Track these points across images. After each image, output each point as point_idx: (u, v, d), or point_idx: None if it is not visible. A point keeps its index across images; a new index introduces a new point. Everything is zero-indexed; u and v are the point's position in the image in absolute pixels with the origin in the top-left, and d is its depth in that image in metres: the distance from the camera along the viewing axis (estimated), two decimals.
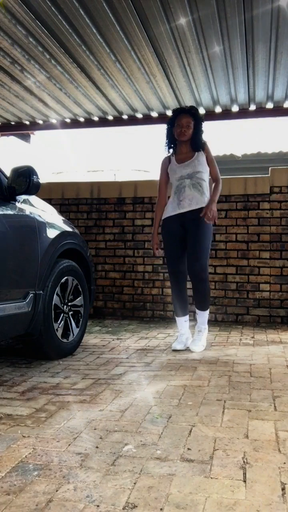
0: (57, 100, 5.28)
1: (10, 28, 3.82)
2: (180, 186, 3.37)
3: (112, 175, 13.35)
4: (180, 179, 3.38)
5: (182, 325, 3.46)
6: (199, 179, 3.36)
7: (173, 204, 3.40)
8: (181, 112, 3.45)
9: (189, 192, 3.34)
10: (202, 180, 3.37)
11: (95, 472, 1.46)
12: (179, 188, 3.38)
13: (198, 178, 3.36)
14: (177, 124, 3.39)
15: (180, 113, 3.43)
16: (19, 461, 1.54)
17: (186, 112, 3.43)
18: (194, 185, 3.34)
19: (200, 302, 3.45)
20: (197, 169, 3.36)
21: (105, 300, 5.10)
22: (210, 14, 3.52)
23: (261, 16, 3.53)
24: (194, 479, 1.40)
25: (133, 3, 3.43)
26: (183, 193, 3.35)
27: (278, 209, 4.67)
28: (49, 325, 2.91)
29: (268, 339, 3.84)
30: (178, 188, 3.39)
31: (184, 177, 3.36)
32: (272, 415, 1.97)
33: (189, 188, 3.34)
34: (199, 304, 3.46)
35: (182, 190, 3.36)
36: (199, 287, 3.39)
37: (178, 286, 3.44)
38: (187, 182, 3.35)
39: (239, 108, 5.31)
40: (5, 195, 2.67)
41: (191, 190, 3.34)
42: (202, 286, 3.39)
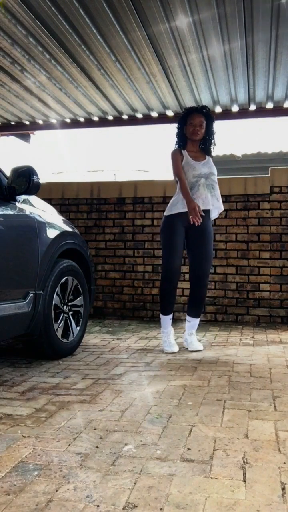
0: (57, 100, 5.28)
1: (10, 28, 3.82)
2: (196, 184, 3.34)
3: (112, 175, 13.34)
4: (197, 177, 3.34)
5: (168, 322, 3.42)
6: (213, 181, 3.38)
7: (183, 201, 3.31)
8: (194, 111, 3.43)
9: (203, 192, 3.32)
10: (215, 182, 3.39)
11: (95, 472, 1.46)
12: (193, 186, 3.34)
13: (213, 180, 3.38)
14: (190, 123, 3.37)
15: (193, 112, 3.41)
16: (19, 461, 1.54)
17: (199, 111, 3.41)
18: (208, 186, 3.34)
19: (196, 308, 3.45)
20: (212, 170, 3.39)
21: (105, 300, 5.10)
22: (210, 14, 3.52)
23: (261, 16, 3.53)
24: (194, 479, 1.40)
25: (133, 3, 3.43)
26: (197, 191, 3.32)
27: (278, 209, 4.68)
28: (49, 325, 2.91)
29: (268, 339, 3.84)
30: (192, 185, 3.34)
31: (202, 175, 3.34)
32: (272, 415, 1.97)
33: (204, 188, 3.33)
34: (195, 310, 3.44)
35: (195, 188, 3.33)
36: (200, 292, 3.40)
37: (173, 283, 3.39)
38: (203, 181, 3.34)
39: (239, 108, 5.31)
40: (5, 195, 2.67)
41: (205, 190, 3.33)
42: (203, 292, 3.43)
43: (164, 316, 3.45)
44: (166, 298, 3.43)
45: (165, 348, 3.33)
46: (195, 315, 3.46)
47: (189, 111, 3.46)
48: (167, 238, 3.38)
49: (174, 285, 3.41)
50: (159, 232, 3.57)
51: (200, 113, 3.39)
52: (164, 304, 3.44)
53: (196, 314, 3.46)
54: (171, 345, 3.33)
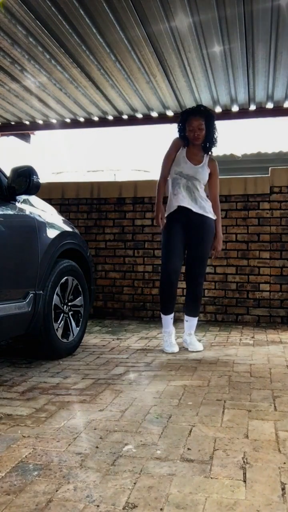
0: (57, 100, 5.28)
1: (10, 28, 3.82)
2: (175, 182, 3.36)
3: (112, 175, 13.34)
4: (178, 174, 3.35)
5: (169, 322, 3.40)
6: (194, 186, 3.34)
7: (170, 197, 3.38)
8: (189, 114, 3.36)
9: (182, 191, 3.32)
10: (195, 187, 3.34)
11: (95, 472, 1.46)
12: (174, 182, 3.36)
13: (194, 184, 3.34)
14: (189, 128, 3.32)
15: (189, 116, 3.34)
16: (19, 461, 1.54)
17: (195, 113, 3.34)
18: (187, 188, 3.33)
19: (194, 308, 3.45)
20: (197, 176, 3.34)
21: (105, 300, 5.10)
22: (210, 14, 3.52)
23: (261, 16, 3.53)
24: (194, 479, 1.40)
25: (133, 3, 3.43)
26: (178, 189, 3.34)
27: (278, 209, 4.68)
28: (49, 325, 2.91)
29: (268, 339, 3.84)
30: (173, 181, 3.38)
31: (183, 175, 3.34)
32: (272, 415, 1.97)
33: (183, 188, 3.33)
34: (193, 310, 3.45)
35: (176, 186, 3.35)
36: (196, 291, 3.41)
37: (173, 283, 3.36)
38: (183, 181, 3.33)
39: (239, 108, 5.30)
40: (5, 195, 2.67)
41: (184, 190, 3.32)
42: (199, 291, 3.43)
43: (164, 316, 3.43)
44: (165, 298, 3.42)
45: (166, 348, 3.33)
46: (193, 314, 3.46)
47: (186, 115, 3.39)
48: (166, 239, 3.40)
49: (173, 284, 3.38)
50: (159, 232, 3.58)
51: (197, 115, 3.32)
52: (164, 304, 3.43)
53: (193, 313, 3.46)
54: (172, 345, 3.33)
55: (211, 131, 3.37)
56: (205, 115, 3.35)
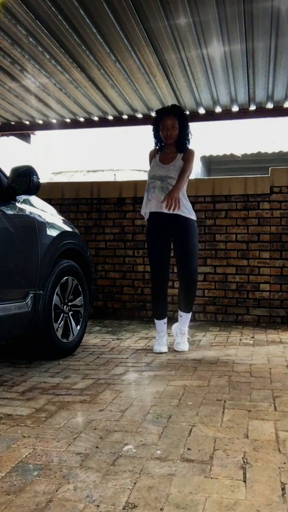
0: (57, 100, 5.28)
1: (10, 28, 3.82)
2: (150, 185, 3.34)
3: (112, 175, 13.34)
4: (152, 178, 3.35)
5: (162, 326, 3.41)
6: (169, 184, 3.29)
7: (144, 202, 3.39)
8: (164, 113, 3.37)
9: (157, 194, 3.29)
10: (171, 185, 3.28)
11: (95, 472, 1.46)
12: (149, 187, 3.36)
13: (169, 183, 3.29)
14: (162, 127, 3.32)
15: (163, 115, 3.36)
16: (19, 461, 1.54)
17: (170, 113, 3.35)
18: (162, 189, 3.29)
19: (187, 304, 3.43)
20: (170, 174, 3.30)
21: (105, 300, 5.10)
22: (210, 14, 3.52)
23: (261, 16, 3.53)
24: (194, 479, 1.40)
25: (133, 3, 3.43)
26: (152, 193, 3.32)
27: (278, 209, 4.67)
28: (49, 325, 2.91)
29: (268, 339, 3.84)
30: (148, 186, 3.37)
31: (156, 177, 3.32)
32: (272, 415, 1.97)
33: (158, 190, 3.30)
34: (186, 306, 3.43)
35: (151, 190, 3.33)
36: (190, 289, 3.39)
37: (162, 287, 3.41)
38: (158, 183, 3.31)
39: (239, 108, 5.31)
40: (5, 195, 2.67)
41: (159, 192, 3.29)
42: (193, 288, 3.41)
43: (157, 320, 3.45)
44: (156, 303, 3.46)
45: (154, 347, 3.34)
46: (186, 310, 3.44)
47: (160, 114, 3.40)
48: (148, 245, 3.44)
49: (162, 289, 3.42)
50: None
51: (171, 115, 3.33)
52: (155, 308, 3.48)
53: (186, 309, 3.44)
54: (160, 345, 3.32)
55: (184, 131, 3.37)
56: (179, 115, 3.36)
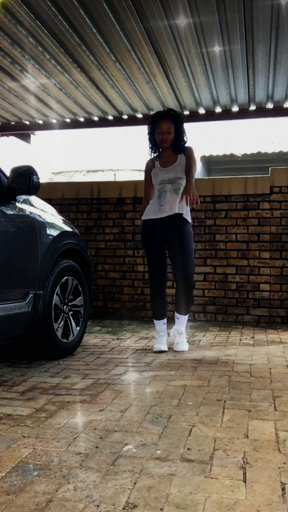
0: (57, 100, 5.28)
1: (10, 28, 3.82)
2: (162, 191, 3.34)
3: (112, 175, 13.33)
4: (161, 183, 3.35)
5: (162, 327, 3.43)
6: (180, 184, 3.31)
7: (155, 208, 3.36)
8: (159, 117, 3.39)
9: (170, 197, 3.30)
10: (182, 186, 3.31)
11: (95, 472, 1.46)
12: (160, 193, 3.34)
13: (179, 184, 3.31)
14: (158, 131, 3.34)
15: (159, 119, 3.37)
16: (19, 461, 1.54)
17: (165, 117, 3.36)
18: (175, 190, 3.30)
19: (184, 306, 3.42)
20: (178, 174, 3.33)
21: (105, 300, 5.10)
22: (210, 14, 3.52)
23: (261, 16, 3.53)
24: (194, 479, 1.40)
25: (133, 3, 3.43)
26: (164, 198, 3.32)
27: (278, 209, 4.67)
28: (49, 325, 2.91)
29: (268, 339, 3.84)
30: (159, 192, 3.35)
31: (166, 181, 3.33)
32: (272, 415, 1.97)
33: (170, 193, 3.31)
34: (183, 308, 3.42)
35: (163, 195, 3.32)
36: (186, 291, 3.38)
37: (160, 290, 3.42)
38: (169, 187, 3.32)
39: (239, 108, 5.31)
40: (5, 195, 2.67)
41: (172, 195, 3.30)
42: (189, 290, 3.42)
43: (157, 321, 3.46)
44: (155, 303, 3.47)
45: (154, 346, 3.35)
46: (183, 312, 3.43)
47: (155, 118, 3.41)
48: (146, 246, 3.46)
49: (162, 290, 3.43)
50: None
51: (166, 119, 3.34)
52: (155, 309, 3.49)
53: (183, 311, 3.43)
54: (160, 343, 3.33)
55: (180, 135, 3.38)
56: (174, 119, 3.37)
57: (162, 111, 3.54)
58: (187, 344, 3.41)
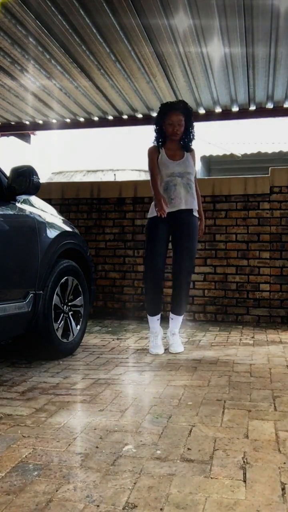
0: (57, 100, 5.28)
1: (10, 28, 3.82)
2: (171, 184, 3.27)
3: (112, 175, 13.33)
4: (171, 176, 3.28)
5: (155, 323, 3.36)
6: (190, 180, 3.29)
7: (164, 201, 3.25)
8: (171, 109, 3.32)
9: (181, 191, 3.25)
10: (191, 181, 3.31)
11: (95, 472, 1.46)
12: (169, 185, 3.27)
13: (189, 179, 3.29)
14: (168, 123, 3.28)
15: (170, 110, 3.30)
16: (19, 461, 1.54)
17: (177, 109, 3.31)
18: (185, 185, 3.27)
19: (179, 306, 3.38)
20: (188, 169, 3.30)
21: (105, 300, 5.10)
22: (210, 14, 3.52)
23: (261, 17, 3.53)
24: (194, 479, 1.40)
25: (133, 3, 3.43)
26: (174, 191, 3.26)
27: (278, 209, 4.67)
28: (49, 325, 2.91)
29: (268, 339, 3.84)
30: (168, 184, 3.27)
31: (176, 174, 3.27)
32: (272, 415, 1.96)
33: (180, 186, 3.26)
34: (178, 308, 3.38)
35: (173, 188, 3.26)
36: (183, 289, 3.34)
37: (157, 284, 3.35)
38: (179, 180, 3.26)
39: (239, 108, 5.31)
40: (5, 195, 2.67)
41: (182, 189, 3.26)
42: (186, 290, 3.37)
43: (150, 317, 3.39)
44: (150, 298, 3.40)
45: (150, 349, 3.29)
46: (178, 312, 3.39)
47: (166, 109, 3.34)
48: (149, 240, 3.36)
49: (159, 284, 3.37)
50: None
51: (178, 111, 3.29)
52: (149, 304, 3.41)
53: (178, 312, 3.39)
54: (157, 347, 3.27)
55: (189, 129, 3.34)
56: (186, 112, 3.32)
57: (174, 102, 3.47)
58: (182, 345, 3.36)
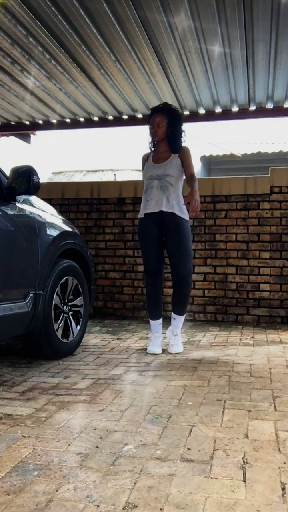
0: (57, 100, 5.27)
1: (10, 28, 3.82)
2: (148, 186, 3.31)
3: (112, 175, 13.34)
4: (150, 179, 3.31)
5: (157, 327, 3.39)
6: (167, 182, 3.26)
7: (143, 203, 3.35)
8: (152, 111, 3.40)
9: (156, 193, 3.26)
10: (169, 183, 3.26)
11: (95, 472, 1.46)
12: (147, 188, 3.32)
13: (166, 181, 3.26)
14: (150, 125, 3.35)
15: (152, 113, 3.37)
16: (19, 461, 1.54)
17: (158, 110, 3.35)
18: (161, 187, 3.26)
19: (180, 306, 3.38)
20: (167, 172, 3.27)
21: (105, 300, 5.10)
22: (210, 14, 3.52)
23: (261, 16, 3.53)
24: (194, 479, 1.40)
25: (133, 3, 3.43)
26: (150, 193, 3.29)
27: (278, 209, 4.67)
28: (49, 325, 2.91)
29: (268, 339, 3.84)
30: (146, 187, 3.34)
31: (154, 177, 3.30)
32: (272, 415, 1.97)
33: (156, 189, 3.26)
34: (179, 308, 3.38)
35: (149, 191, 3.30)
36: (183, 291, 3.34)
37: (156, 288, 3.38)
38: (155, 183, 3.28)
39: (239, 108, 5.30)
40: (5, 195, 2.67)
41: (158, 191, 3.26)
42: (186, 290, 3.36)
43: (152, 321, 3.42)
44: (151, 303, 3.42)
45: (148, 348, 3.31)
46: (179, 312, 3.39)
47: (151, 113, 3.42)
48: (141, 243, 3.42)
49: (158, 289, 3.40)
50: None
51: (158, 112, 3.32)
52: (150, 308, 3.44)
53: (179, 311, 3.39)
54: (155, 346, 3.29)
55: (173, 129, 3.34)
56: (168, 112, 3.34)
57: (157, 106, 3.54)
58: (181, 346, 3.36)
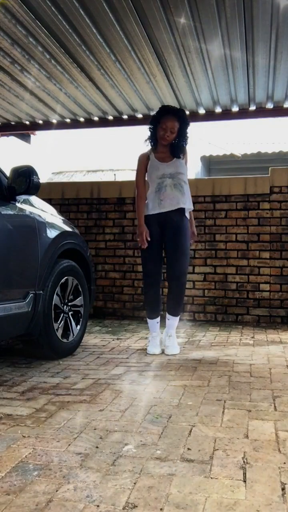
0: (57, 100, 5.27)
1: (10, 28, 3.82)
2: (162, 185, 3.29)
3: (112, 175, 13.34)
4: (162, 177, 3.30)
5: (155, 326, 3.39)
6: (181, 180, 3.29)
7: (154, 202, 3.31)
8: (169, 112, 3.32)
9: (170, 192, 3.26)
10: (183, 181, 3.30)
11: (95, 472, 1.46)
12: (160, 187, 3.29)
13: (180, 179, 3.29)
14: (162, 126, 3.28)
15: (168, 114, 3.30)
16: (19, 461, 1.54)
17: (174, 114, 3.31)
18: (175, 186, 3.27)
19: (175, 307, 3.37)
20: (179, 170, 3.30)
21: (105, 300, 5.10)
22: (210, 14, 3.52)
23: (261, 16, 3.53)
24: (194, 479, 1.40)
25: (133, 3, 3.43)
26: (164, 192, 3.27)
27: (278, 209, 4.68)
28: (49, 325, 2.91)
29: (268, 339, 3.84)
30: (159, 186, 3.30)
31: (166, 175, 3.29)
32: (272, 415, 1.97)
33: (171, 188, 3.26)
34: (174, 309, 3.37)
35: (163, 189, 3.28)
36: (178, 291, 3.33)
37: (155, 288, 3.38)
38: (169, 181, 3.27)
39: (239, 108, 5.30)
40: (5, 195, 2.67)
41: (173, 190, 3.26)
42: (181, 290, 3.35)
43: (150, 320, 3.42)
44: (149, 302, 3.42)
45: (148, 349, 3.31)
46: (174, 313, 3.38)
47: (164, 112, 3.34)
48: None
49: (157, 288, 3.39)
50: None
51: (175, 117, 3.29)
52: (149, 307, 3.44)
53: (174, 313, 3.38)
54: (154, 347, 3.29)
55: (181, 138, 3.34)
56: (182, 120, 3.32)
57: (173, 108, 3.46)
58: (178, 347, 3.34)
